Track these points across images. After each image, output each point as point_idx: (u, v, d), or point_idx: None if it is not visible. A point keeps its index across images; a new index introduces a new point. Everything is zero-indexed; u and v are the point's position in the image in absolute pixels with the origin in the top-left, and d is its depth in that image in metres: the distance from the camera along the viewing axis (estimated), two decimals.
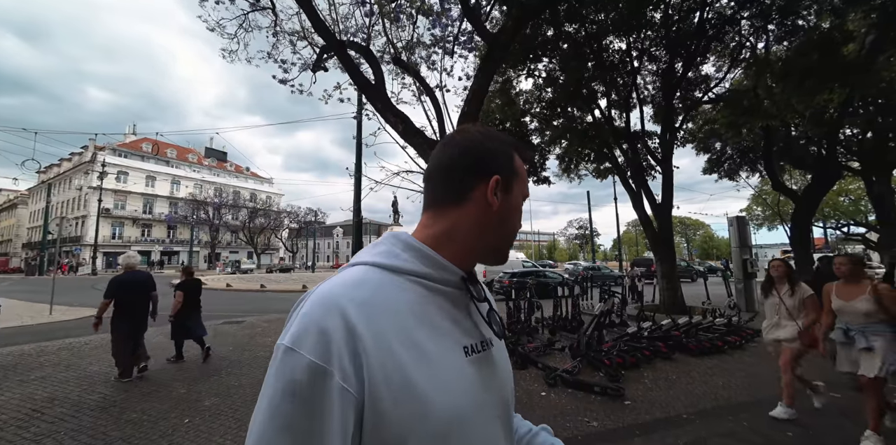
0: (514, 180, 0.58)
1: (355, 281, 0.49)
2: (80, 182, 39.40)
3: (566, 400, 3.60)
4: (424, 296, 0.52)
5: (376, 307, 0.46)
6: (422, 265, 0.53)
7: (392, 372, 0.43)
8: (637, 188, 8.92)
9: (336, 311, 0.44)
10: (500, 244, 0.58)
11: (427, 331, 0.49)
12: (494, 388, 0.54)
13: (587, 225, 34.77)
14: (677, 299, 8.02)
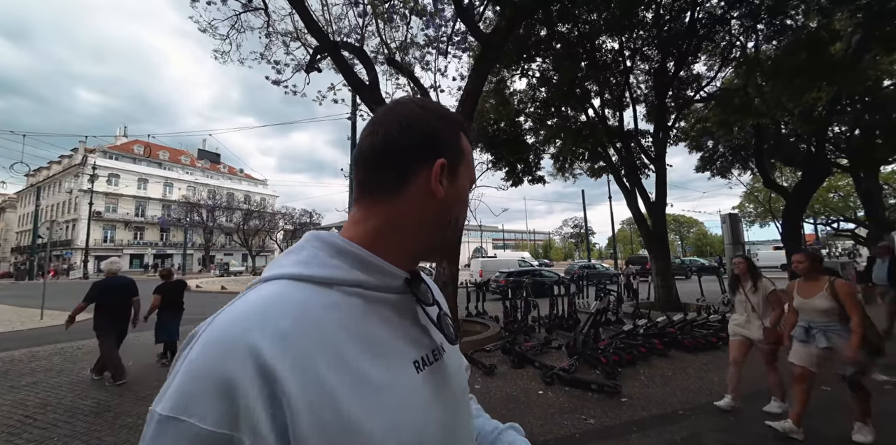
0: (460, 163, 0.50)
1: (269, 306, 0.38)
2: (70, 185, 38.86)
3: (563, 398, 3.62)
4: (363, 310, 0.43)
5: (302, 337, 0.36)
6: (357, 271, 0.44)
7: (331, 422, 0.34)
8: (631, 186, 9.01)
9: (243, 352, 0.33)
10: (446, 238, 0.51)
11: (371, 355, 0.40)
12: (450, 399, 0.48)
13: (582, 223, 35.01)
14: (672, 296, 8.10)
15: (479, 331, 6.19)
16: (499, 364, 4.66)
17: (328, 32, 7.10)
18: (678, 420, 3.15)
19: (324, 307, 0.40)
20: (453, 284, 6.25)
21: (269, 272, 0.43)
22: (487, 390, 3.89)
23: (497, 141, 10.74)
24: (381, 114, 0.50)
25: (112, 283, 4.35)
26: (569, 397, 3.66)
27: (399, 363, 0.43)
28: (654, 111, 9.41)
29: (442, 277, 6.30)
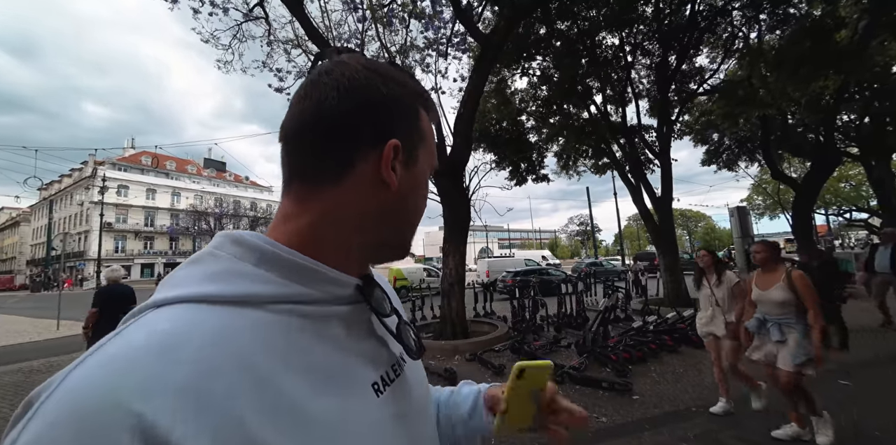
0: (420, 146, 0.41)
1: (165, 345, 0.26)
2: (81, 197, 39.61)
3: (574, 397, 3.60)
4: (302, 332, 0.33)
5: (222, 390, 0.26)
6: (293, 283, 0.34)
7: None
8: (636, 182, 8.94)
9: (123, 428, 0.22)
10: (402, 235, 0.42)
11: (318, 390, 0.31)
12: (412, 420, 0.40)
13: (588, 221, 34.79)
14: (681, 292, 8.02)
15: (487, 332, 6.18)
16: (508, 363, 4.64)
17: (328, 38, 7.18)
18: (691, 418, 3.12)
19: (249, 337, 0.29)
20: (460, 285, 6.26)
21: (167, 292, 0.31)
22: None
23: (500, 140, 10.73)
24: (316, 74, 0.38)
25: (114, 290, 4.36)
26: (580, 395, 3.64)
27: (355, 391, 0.34)
28: (657, 106, 9.33)
29: (449, 279, 6.32)
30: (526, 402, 0.46)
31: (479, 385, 0.58)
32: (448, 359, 5.01)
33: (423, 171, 0.41)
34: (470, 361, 4.87)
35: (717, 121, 10.87)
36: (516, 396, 0.45)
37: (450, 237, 6.49)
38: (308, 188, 0.37)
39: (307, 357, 0.32)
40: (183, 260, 0.36)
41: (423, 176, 0.41)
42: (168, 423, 0.23)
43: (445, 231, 6.61)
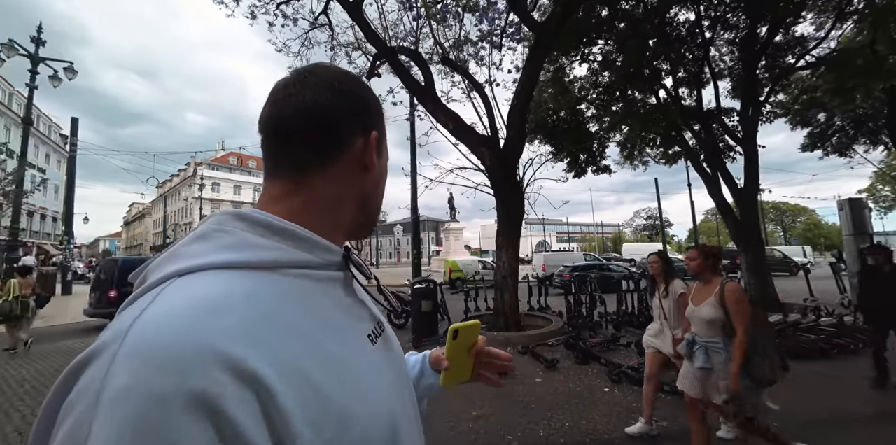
0: (384, 140, 0.49)
1: (217, 303, 0.30)
2: (185, 193, 46.29)
3: (632, 397, 3.47)
4: (312, 291, 0.39)
5: (272, 334, 0.31)
6: (296, 250, 0.39)
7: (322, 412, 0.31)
8: (713, 172, 8.04)
9: (213, 360, 0.26)
10: (372, 215, 0.49)
11: (334, 337, 0.37)
12: (396, 366, 0.48)
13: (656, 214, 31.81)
14: (768, 294, 7.10)
15: (541, 326, 6.12)
16: (561, 359, 4.59)
17: (385, 39, 7.51)
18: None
19: (277, 295, 0.34)
20: (513, 278, 6.26)
21: (184, 263, 0.34)
22: (549, 384, 3.88)
23: (557, 131, 10.33)
24: (301, 75, 0.44)
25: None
26: (637, 396, 3.48)
27: (356, 339, 0.41)
28: (741, 86, 8.25)
29: (502, 271, 6.35)
30: (464, 358, 0.56)
31: (420, 354, 0.66)
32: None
33: (385, 161, 0.50)
34: (522, 354, 4.89)
35: (824, 98, 9.28)
36: (455, 354, 0.55)
37: (503, 230, 6.50)
38: (298, 173, 0.42)
39: (321, 312, 0.38)
40: None
41: (385, 165, 0.50)
42: (250, 360, 0.27)
43: (499, 224, 6.62)
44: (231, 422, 0.25)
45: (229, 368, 0.26)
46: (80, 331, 7.36)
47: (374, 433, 0.35)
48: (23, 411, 3.37)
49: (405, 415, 0.43)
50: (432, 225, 52.32)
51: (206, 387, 0.25)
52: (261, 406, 0.27)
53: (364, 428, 0.34)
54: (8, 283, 5.68)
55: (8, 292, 5.56)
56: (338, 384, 0.33)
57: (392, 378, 0.44)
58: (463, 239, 24.72)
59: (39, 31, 10.61)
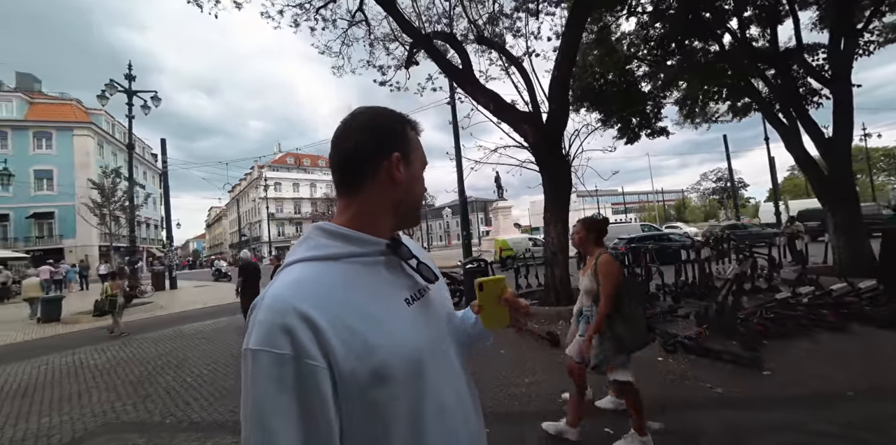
0: (411, 152, 0.65)
1: (298, 281, 0.55)
2: (253, 194, 51.05)
3: (686, 366, 3.43)
4: (360, 271, 0.59)
5: (322, 297, 0.53)
6: (349, 246, 0.60)
7: (351, 340, 0.52)
8: (790, 123, 7.07)
9: (292, 311, 0.50)
10: (410, 211, 0.67)
11: (371, 299, 0.57)
12: (434, 320, 0.66)
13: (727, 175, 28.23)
14: (864, 259, 6.25)
15: None
16: None
17: (419, 26, 7.52)
18: (842, 401, 2.68)
19: (332, 275, 0.56)
20: (563, 253, 6.23)
21: (290, 258, 0.60)
22: None
23: (606, 95, 9.63)
24: (341, 128, 0.64)
25: (248, 265, 6.38)
26: (693, 365, 3.45)
27: (393, 302, 0.60)
28: (830, 13, 6.97)
29: (551, 247, 6.34)
30: (495, 306, 0.69)
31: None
32: (552, 324, 5.20)
33: (416, 168, 0.67)
34: None
35: None
36: (486, 303, 0.69)
37: (550, 206, 6.42)
38: (349, 194, 0.64)
39: (364, 283, 0.59)
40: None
41: (417, 170, 0.67)
42: (308, 311, 0.50)
43: (546, 200, 6.54)
44: (298, 340, 0.49)
45: (298, 315, 0.50)
46: (185, 318, 8.81)
47: (394, 358, 0.55)
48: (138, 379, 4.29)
49: (434, 353, 0.62)
50: (480, 206, 52.15)
51: (287, 322, 0.50)
52: (314, 334, 0.50)
53: (386, 354, 0.54)
54: (104, 285, 7.50)
55: (104, 292, 7.39)
56: (368, 328, 0.54)
57: (423, 328, 0.62)
58: (512, 218, 24.46)
59: (130, 68, 12.27)
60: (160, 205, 30.57)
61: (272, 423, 0.47)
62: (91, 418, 3.33)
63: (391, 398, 0.54)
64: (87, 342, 6.62)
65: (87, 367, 5.00)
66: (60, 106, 27.61)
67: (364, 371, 0.52)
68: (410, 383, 0.56)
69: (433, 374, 0.60)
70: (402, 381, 0.55)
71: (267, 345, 0.49)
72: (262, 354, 0.49)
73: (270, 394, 0.48)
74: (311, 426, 0.48)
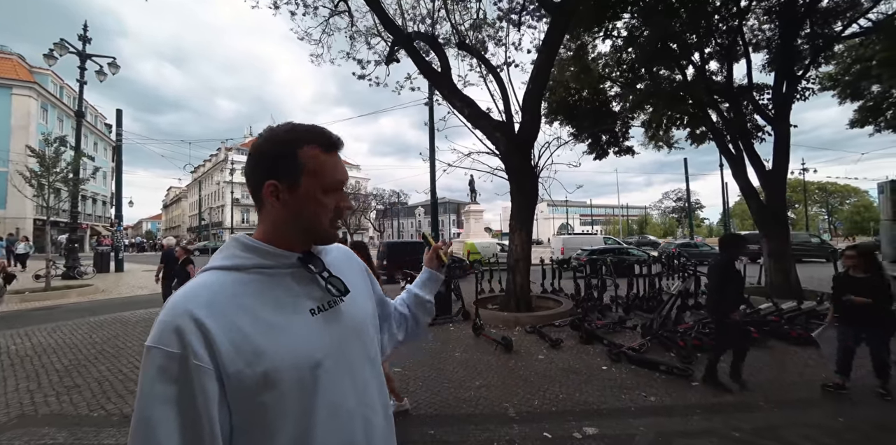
0: (300, 175, 0.65)
1: (199, 287, 0.60)
2: (217, 177, 48.37)
3: (627, 376, 3.67)
4: (264, 281, 0.63)
5: (218, 303, 0.57)
6: (258, 258, 0.64)
7: (241, 345, 0.56)
8: (737, 152, 7.72)
9: (184, 314, 0.55)
10: (303, 231, 0.68)
11: (269, 308, 0.61)
12: (348, 332, 0.69)
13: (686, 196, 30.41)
14: (790, 282, 6.94)
15: (551, 307, 6.33)
16: (566, 339, 4.81)
17: (402, 24, 7.48)
18: (753, 411, 2.99)
19: (234, 284, 0.61)
20: (525, 262, 6.44)
21: (207, 265, 0.65)
22: (550, 361, 4.13)
23: (579, 111, 10.07)
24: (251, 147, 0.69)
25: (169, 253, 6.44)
26: (633, 375, 3.69)
27: (294, 311, 0.64)
28: (777, 58, 7.70)
29: (514, 255, 6.53)
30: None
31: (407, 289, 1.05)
32: (508, 330, 5.37)
33: (308, 189, 0.65)
34: (529, 333, 5.15)
35: (874, 70, 8.54)
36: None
37: (517, 214, 6.62)
38: (258, 209, 0.69)
39: (267, 294, 0.63)
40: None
41: (308, 192, 0.65)
42: (199, 313, 0.55)
43: (513, 208, 6.73)
44: (186, 340, 0.54)
45: (191, 318, 0.55)
46: (128, 304, 8.23)
47: (284, 364, 0.58)
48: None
49: (337, 360, 0.65)
50: (453, 207, 52.48)
51: (179, 324, 0.55)
52: (203, 336, 0.55)
53: (275, 360, 0.58)
54: None
55: None
56: (260, 334, 0.59)
57: (326, 336, 0.65)
58: (483, 222, 24.78)
59: (85, 29, 11.23)
60: (111, 179, 28.34)
61: (154, 414, 0.52)
62: (3, 410, 3.06)
63: (279, 399, 0.57)
64: (9, 325, 6.03)
65: (6, 353, 4.56)
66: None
67: (252, 374, 0.56)
68: (301, 387, 0.60)
69: (330, 380, 0.63)
70: (290, 385, 0.58)
71: (159, 343, 0.54)
72: (154, 350, 0.54)
73: (156, 387, 0.52)
74: (191, 420, 0.52)
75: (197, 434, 0.52)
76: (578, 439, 2.57)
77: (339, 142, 0.69)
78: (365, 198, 49.74)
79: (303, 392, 0.60)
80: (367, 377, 0.71)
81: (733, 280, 3.42)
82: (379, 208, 51.89)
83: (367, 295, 0.82)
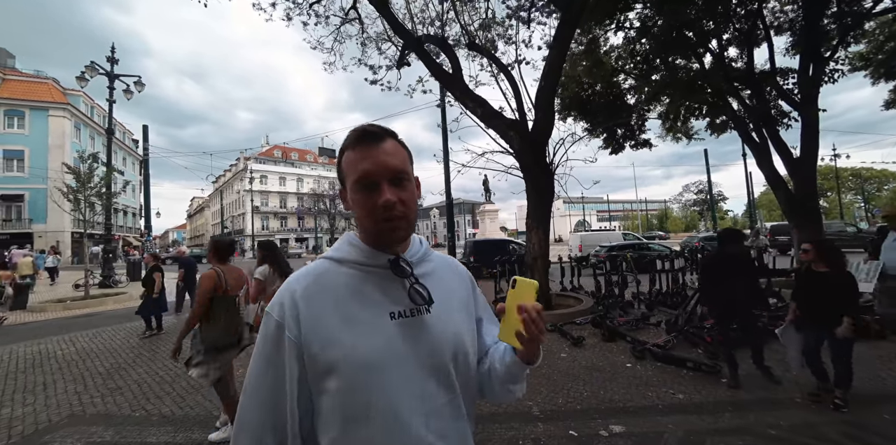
0: (345, 180, 0.71)
1: (309, 270, 0.70)
2: (238, 186, 49.88)
3: (652, 373, 3.60)
4: (360, 277, 0.69)
5: (316, 287, 0.66)
6: (356, 255, 0.71)
7: (321, 328, 0.63)
8: (762, 141, 7.42)
9: (289, 290, 0.66)
10: (367, 232, 0.71)
11: (356, 302, 0.66)
12: (424, 346, 0.67)
13: (707, 188, 29.30)
14: None
15: (571, 305, 6.25)
16: (589, 337, 4.75)
17: (412, 27, 7.55)
18: (788, 407, 2.88)
19: (333, 273, 0.69)
20: (543, 259, 6.38)
21: (322, 255, 0.76)
22: (573, 359, 4.09)
23: (592, 106, 9.91)
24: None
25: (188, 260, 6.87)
26: (659, 372, 3.61)
27: (375, 310, 0.67)
28: (801, 40, 7.37)
29: (532, 253, 6.49)
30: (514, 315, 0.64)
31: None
32: None
33: (349, 193, 0.70)
34: (550, 331, 5.10)
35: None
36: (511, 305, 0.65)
37: (533, 213, 6.56)
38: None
39: (358, 287, 0.68)
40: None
41: (351, 195, 0.69)
42: (298, 295, 0.65)
43: (529, 206, 6.67)
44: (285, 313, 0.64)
45: (292, 295, 0.66)
46: None
47: (348, 358, 0.62)
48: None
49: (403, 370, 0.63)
50: (468, 208, 52.37)
51: (284, 298, 0.66)
52: (296, 314, 0.64)
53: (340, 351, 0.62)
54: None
55: None
56: (336, 324, 0.64)
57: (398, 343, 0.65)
58: (499, 221, 24.69)
59: (113, 51, 11.86)
60: (139, 192, 29.63)
61: (255, 365, 0.66)
62: (55, 410, 3.27)
63: (336, 392, 0.62)
64: (55, 331, 6.41)
65: (54, 358, 4.86)
66: (36, 84, 26.40)
67: (323, 359, 0.62)
68: (355, 387, 0.61)
69: (391, 390, 0.62)
70: (348, 381, 0.61)
71: (270, 309, 0.66)
72: (267, 315, 0.66)
73: (261, 344, 0.65)
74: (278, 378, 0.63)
75: (280, 393, 0.62)
76: (605, 437, 2.54)
77: (364, 134, 0.68)
78: None
79: (355, 393, 0.61)
80: (440, 404, 0.66)
81: (731, 275, 3.29)
82: None
83: (465, 316, 0.76)
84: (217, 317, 2.61)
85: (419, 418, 0.63)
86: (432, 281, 0.72)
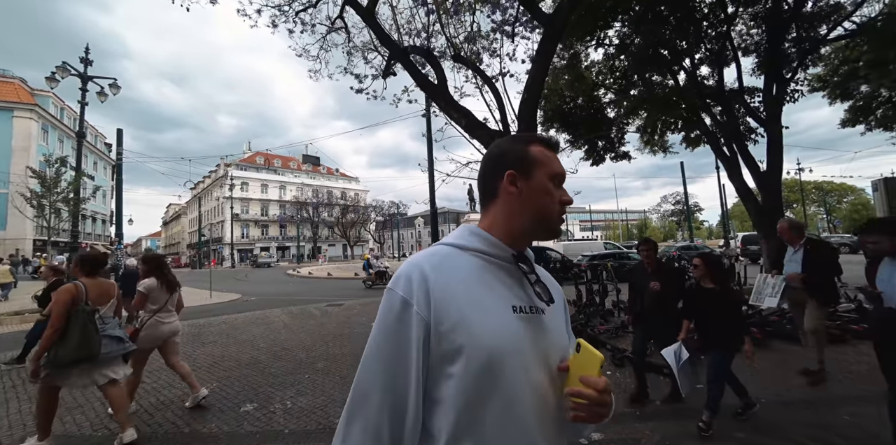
0: (532, 167, 0.71)
1: (433, 252, 0.69)
2: (217, 193, 48.56)
3: (631, 380, 3.63)
4: (483, 266, 0.68)
5: (444, 267, 0.65)
6: (480, 244, 0.70)
7: (451, 308, 0.61)
8: (732, 156, 7.81)
9: (417, 267, 0.64)
10: (534, 221, 0.72)
11: (483, 289, 0.65)
12: (539, 344, 0.65)
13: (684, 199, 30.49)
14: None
15: None
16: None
17: (398, 38, 7.65)
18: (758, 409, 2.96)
19: (459, 257, 0.69)
20: None
21: (440, 241, 0.74)
22: None
23: (574, 118, 10.22)
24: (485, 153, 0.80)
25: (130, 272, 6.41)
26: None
27: (500, 301, 0.66)
28: (765, 62, 7.87)
29: None
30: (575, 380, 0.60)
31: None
32: None
33: (540, 179, 0.71)
34: None
35: (861, 70, 8.71)
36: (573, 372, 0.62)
37: None
38: (486, 205, 0.76)
39: (482, 276, 0.67)
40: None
41: (540, 182, 0.71)
42: (427, 269, 0.64)
43: None
44: (413, 288, 0.62)
45: (420, 271, 0.64)
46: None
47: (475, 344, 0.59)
48: None
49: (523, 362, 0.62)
50: (452, 217, 52.55)
51: (411, 273, 0.64)
52: (426, 290, 0.62)
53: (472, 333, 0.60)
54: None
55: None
56: (468, 304, 0.63)
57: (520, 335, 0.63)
58: None
59: (87, 52, 11.49)
60: (111, 198, 28.47)
61: (375, 341, 0.62)
62: (5, 432, 3.03)
63: (461, 377, 0.58)
64: (10, 346, 5.99)
65: (6, 375, 4.51)
66: (1, 84, 25.31)
67: (451, 340, 0.59)
68: (482, 373, 0.59)
69: (513, 380, 0.60)
70: (475, 366, 0.58)
71: (394, 286, 0.64)
72: (390, 292, 0.64)
73: (384, 320, 0.62)
74: (402, 355, 0.59)
75: (403, 370, 0.59)
76: (584, 444, 2.55)
77: (557, 144, 0.78)
78: (364, 210, 49.93)
79: (482, 380, 0.59)
80: (552, 407, 0.65)
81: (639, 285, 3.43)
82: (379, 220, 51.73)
83: (566, 326, 0.78)
84: (71, 332, 2.49)
85: (532, 417, 0.62)
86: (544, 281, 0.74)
